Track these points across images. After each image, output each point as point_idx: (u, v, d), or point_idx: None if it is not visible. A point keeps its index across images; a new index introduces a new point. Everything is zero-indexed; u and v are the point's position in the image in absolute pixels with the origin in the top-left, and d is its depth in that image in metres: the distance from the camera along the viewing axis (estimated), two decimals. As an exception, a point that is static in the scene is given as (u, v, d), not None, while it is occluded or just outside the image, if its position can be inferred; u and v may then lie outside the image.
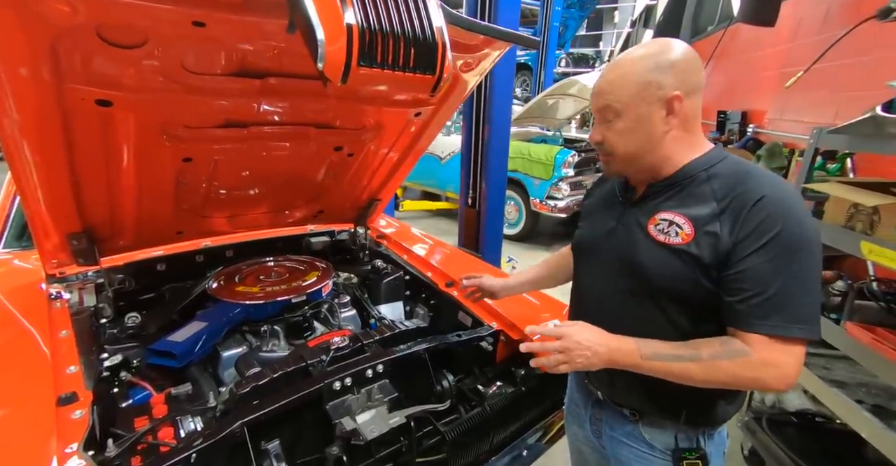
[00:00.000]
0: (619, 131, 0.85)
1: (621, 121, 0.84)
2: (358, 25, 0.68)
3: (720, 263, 0.77)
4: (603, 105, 0.85)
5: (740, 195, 0.77)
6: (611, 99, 0.83)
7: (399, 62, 0.73)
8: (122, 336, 1.35)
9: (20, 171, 1.02)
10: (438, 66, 0.77)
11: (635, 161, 0.87)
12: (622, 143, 0.85)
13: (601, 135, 0.87)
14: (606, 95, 0.84)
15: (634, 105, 0.82)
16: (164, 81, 0.95)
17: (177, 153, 1.19)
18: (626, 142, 0.85)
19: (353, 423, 1.06)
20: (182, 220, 1.57)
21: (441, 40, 0.76)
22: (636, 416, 0.96)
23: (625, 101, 0.82)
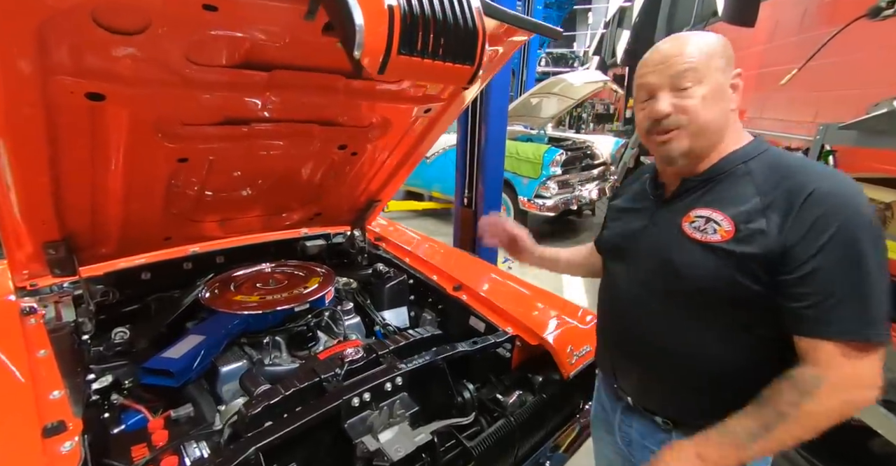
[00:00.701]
0: (701, 98, 0.77)
1: (703, 88, 0.77)
2: (400, 8, 0.61)
3: (772, 264, 0.72)
4: (682, 70, 0.77)
5: (788, 189, 0.73)
6: (694, 63, 0.77)
7: (439, 50, 0.66)
8: (109, 353, 1.23)
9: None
10: (477, 56, 0.71)
11: (705, 135, 0.80)
12: (703, 112, 0.78)
13: (670, 105, 0.78)
14: (687, 60, 0.77)
15: (715, 73, 0.78)
16: (164, 73, 0.85)
17: (171, 153, 1.08)
18: (707, 110, 0.78)
19: (377, 443, 0.98)
20: (171, 225, 1.46)
21: (481, 27, 0.70)
22: (670, 425, 0.91)
23: (709, 66, 0.77)
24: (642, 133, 0.86)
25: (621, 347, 0.96)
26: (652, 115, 0.80)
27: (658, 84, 0.79)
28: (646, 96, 0.82)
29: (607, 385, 1.07)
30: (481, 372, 1.34)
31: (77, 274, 1.31)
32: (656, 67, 0.80)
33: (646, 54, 0.85)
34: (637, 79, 0.84)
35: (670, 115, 0.78)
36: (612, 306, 0.99)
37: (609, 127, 9.66)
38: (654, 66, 0.80)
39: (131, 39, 0.75)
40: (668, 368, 0.87)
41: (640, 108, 0.84)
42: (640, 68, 0.83)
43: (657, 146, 0.83)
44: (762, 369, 0.81)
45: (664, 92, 0.79)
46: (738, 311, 0.78)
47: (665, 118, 0.79)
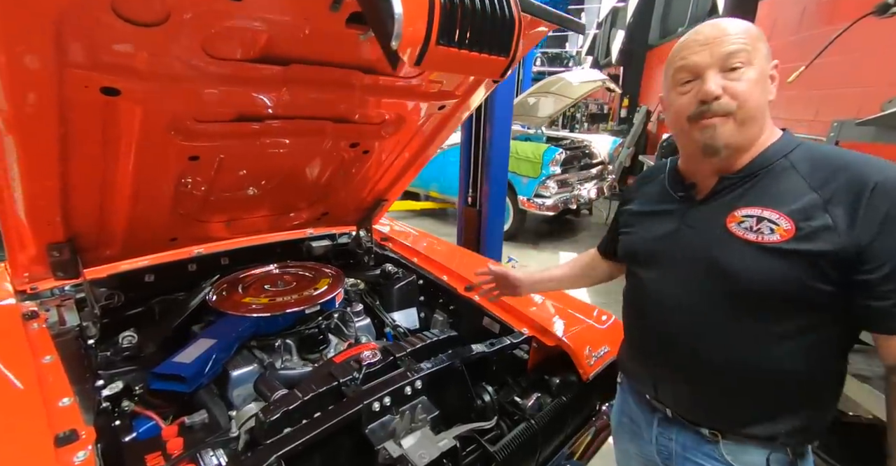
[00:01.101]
0: (751, 81, 0.73)
1: (752, 70, 0.73)
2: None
3: (845, 261, 0.69)
4: (733, 49, 0.73)
5: (848, 183, 0.70)
6: (744, 42, 0.73)
7: (476, 41, 0.64)
8: (117, 358, 1.18)
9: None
10: (513, 48, 0.69)
11: (752, 125, 0.76)
12: (752, 97, 0.74)
13: (720, 87, 0.74)
14: (738, 39, 0.73)
15: (761, 57, 0.75)
16: (181, 67, 0.81)
17: (183, 150, 1.05)
18: (755, 96, 0.74)
19: (400, 449, 0.95)
20: (177, 226, 1.42)
21: (518, 18, 0.67)
22: (718, 436, 0.86)
23: (757, 48, 0.74)
24: (683, 120, 0.79)
25: (665, 358, 0.90)
26: (700, 96, 0.75)
27: (705, 63, 0.75)
28: (689, 77, 0.77)
29: (638, 396, 1.02)
30: (498, 374, 1.32)
31: (80, 277, 1.27)
32: (702, 47, 0.75)
33: (682, 39, 0.81)
34: (677, 61, 0.79)
35: (721, 97, 0.74)
36: (650, 315, 0.93)
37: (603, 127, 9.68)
38: (700, 45, 0.75)
39: (150, 31, 0.72)
40: (722, 377, 0.82)
41: (681, 92, 0.79)
42: (680, 51, 0.79)
43: (700, 133, 0.78)
44: (818, 370, 0.79)
45: (713, 71, 0.74)
46: (800, 312, 0.75)
47: (715, 100, 0.74)
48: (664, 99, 0.87)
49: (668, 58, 0.82)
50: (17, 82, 0.68)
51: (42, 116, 0.77)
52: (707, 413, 0.88)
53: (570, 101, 6.25)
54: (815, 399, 0.82)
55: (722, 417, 0.86)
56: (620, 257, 1.04)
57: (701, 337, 0.83)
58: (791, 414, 0.82)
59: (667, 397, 0.93)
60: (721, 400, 0.85)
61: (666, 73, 0.84)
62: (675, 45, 0.82)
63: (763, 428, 0.82)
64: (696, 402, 0.89)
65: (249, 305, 1.37)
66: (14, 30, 0.62)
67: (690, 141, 0.81)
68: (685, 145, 0.86)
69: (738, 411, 0.84)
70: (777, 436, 0.82)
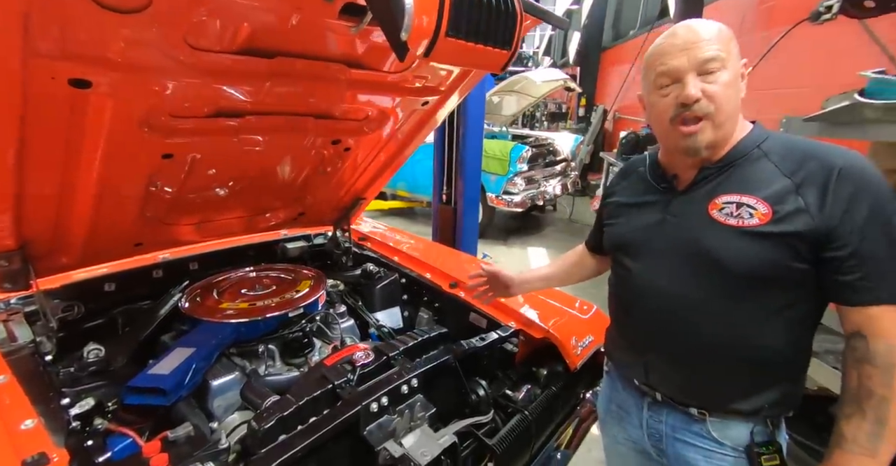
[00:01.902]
0: (726, 84, 0.78)
1: (727, 73, 0.78)
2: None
3: (817, 241, 0.75)
4: (709, 56, 0.77)
5: (816, 168, 0.76)
6: (719, 48, 0.77)
7: (483, 34, 0.64)
8: (82, 374, 1.09)
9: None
10: (515, 41, 0.69)
11: (727, 125, 0.81)
12: (728, 100, 0.78)
13: (700, 90, 0.78)
14: (712, 44, 0.77)
15: (734, 59, 0.79)
16: (160, 59, 0.76)
17: (156, 148, 0.98)
18: (730, 98, 0.79)
19: (401, 448, 0.94)
20: (143, 230, 1.33)
21: (520, 11, 0.68)
22: (705, 414, 0.91)
23: (730, 51, 0.78)
24: (665, 121, 0.83)
25: (656, 343, 0.93)
26: (681, 99, 0.79)
27: (684, 68, 0.79)
28: (668, 81, 0.81)
29: (627, 382, 1.05)
30: (489, 369, 1.33)
31: (30, 288, 1.16)
32: (681, 52, 0.79)
33: (658, 41, 0.84)
34: (658, 66, 0.82)
35: (700, 100, 0.78)
36: (639, 303, 0.96)
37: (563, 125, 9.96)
38: (678, 51, 0.79)
39: (128, 19, 0.66)
40: (711, 358, 0.86)
41: (662, 95, 0.82)
42: (660, 56, 0.82)
43: (681, 138, 0.82)
44: (794, 347, 0.85)
45: (691, 75, 0.78)
46: (780, 291, 0.80)
47: (695, 103, 0.78)
48: (644, 98, 0.90)
49: (647, 60, 0.85)
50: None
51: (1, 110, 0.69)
52: (696, 393, 0.92)
53: (532, 100, 6.39)
54: (791, 373, 0.88)
55: (710, 396, 0.90)
56: (606, 248, 1.07)
57: (689, 320, 0.87)
58: (772, 389, 0.87)
59: (658, 381, 0.96)
60: (710, 380, 0.89)
61: (646, 76, 0.87)
62: (651, 47, 0.85)
63: (748, 404, 0.87)
64: (686, 384, 0.93)
65: (228, 311, 1.30)
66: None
67: (673, 141, 0.85)
68: (668, 143, 0.90)
69: (726, 389, 0.88)
70: (760, 410, 0.88)
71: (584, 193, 7.34)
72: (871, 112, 1.45)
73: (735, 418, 0.90)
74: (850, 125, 1.53)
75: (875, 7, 2.36)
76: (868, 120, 1.47)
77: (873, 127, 1.48)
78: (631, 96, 8.05)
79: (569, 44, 10.60)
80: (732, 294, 0.83)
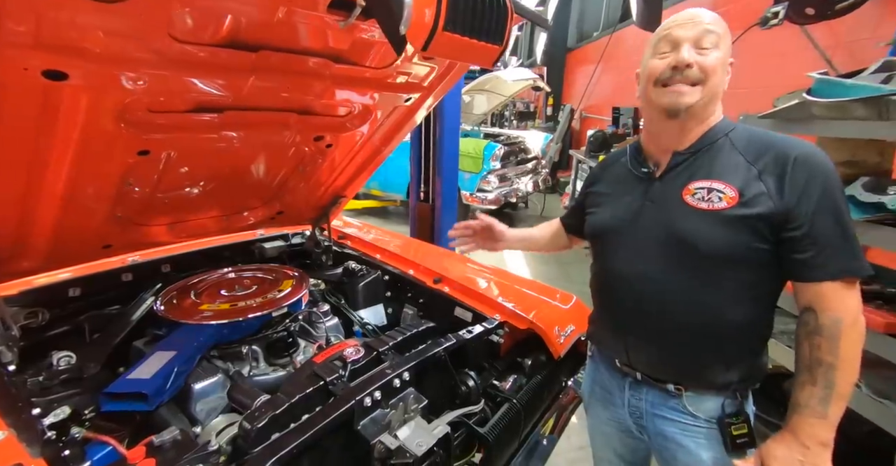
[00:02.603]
0: (716, 60, 0.85)
1: (718, 52, 0.85)
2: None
3: (777, 222, 0.82)
4: (705, 30, 0.84)
5: (775, 157, 0.84)
6: (715, 28, 0.85)
7: (478, 29, 0.66)
8: (52, 383, 1.03)
9: None
10: (506, 36, 0.72)
11: (709, 98, 0.87)
12: (715, 74, 0.85)
13: (693, 58, 0.85)
14: (710, 24, 0.85)
15: (725, 45, 0.86)
16: (141, 50, 0.73)
17: (133, 144, 0.94)
18: (717, 73, 0.85)
19: (396, 440, 0.94)
20: (113, 231, 1.27)
21: (510, 7, 0.70)
22: (681, 390, 0.97)
23: (724, 37, 0.85)
24: (651, 83, 0.89)
25: (637, 324, 0.99)
26: (674, 63, 0.85)
27: (684, 37, 0.85)
28: (668, 48, 0.87)
29: (610, 363, 1.10)
30: (476, 360, 1.35)
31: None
32: (684, 23, 0.86)
33: (671, 17, 0.91)
34: (661, 31, 0.89)
35: (691, 66, 0.84)
36: (618, 286, 1.01)
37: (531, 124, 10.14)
38: (682, 21, 0.86)
39: (109, 7, 0.64)
40: (686, 336, 0.92)
41: (660, 57, 0.89)
42: (666, 25, 0.89)
43: (666, 96, 0.88)
44: (758, 322, 0.92)
45: (688, 44, 0.85)
46: (746, 271, 0.87)
47: (686, 68, 0.84)
48: (641, 70, 0.96)
49: (653, 34, 0.92)
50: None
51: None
52: (672, 370, 0.98)
53: (503, 99, 6.48)
54: (756, 347, 0.96)
55: (685, 372, 0.97)
56: (588, 235, 1.12)
57: (668, 301, 0.93)
58: (741, 363, 0.94)
59: (638, 361, 1.02)
60: (685, 356, 0.95)
61: (648, 47, 0.93)
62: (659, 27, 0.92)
63: (720, 378, 0.94)
64: (664, 362, 0.99)
65: (208, 312, 1.26)
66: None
67: (654, 105, 0.91)
68: (649, 112, 0.95)
69: (699, 364, 0.95)
70: (731, 384, 0.95)
71: (554, 190, 7.52)
72: (818, 109, 1.57)
73: (708, 392, 0.96)
74: (799, 121, 1.65)
75: (814, 14, 2.56)
76: (815, 116, 1.59)
77: (819, 123, 1.60)
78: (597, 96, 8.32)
79: (535, 44, 10.81)
80: (703, 274, 0.89)
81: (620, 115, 6.47)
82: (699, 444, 0.99)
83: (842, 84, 1.58)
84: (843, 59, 2.81)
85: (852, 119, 1.53)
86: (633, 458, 1.23)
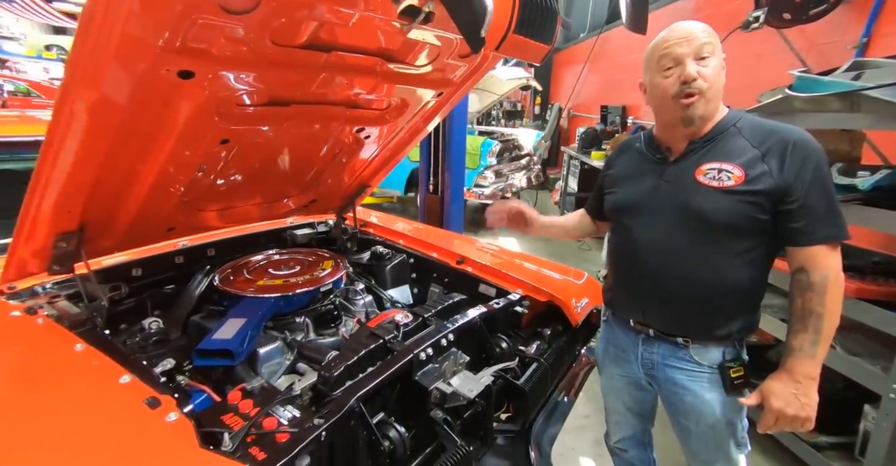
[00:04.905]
0: (714, 68, 1.00)
1: (715, 59, 1.01)
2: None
3: (776, 197, 0.99)
4: (704, 42, 0.99)
5: (776, 141, 1.01)
6: (710, 39, 1.00)
7: (536, 31, 0.82)
8: (147, 343, 1.17)
9: (48, 158, 0.85)
10: (555, 36, 0.87)
11: (714, 101, 1.03)
12: (716, 80, 1.01)
13: (696, 71, 0.99)
14: (703, 36, 1.00)
15: (718, 48, 1.02)
16: (248, 53, 0.87)
17: (219, 134, 1.08)
18: (717, 78, 1.01)
19: (450, 387, 1.10)
20: (178, 215, 1.40)
21: (557, 12, 0.86)
22: (688, 342, 1.15)
23: (716, 44, 1.01)
24: (667, 98, 1.05)
25: (653, 286, 1.15)
26: (682, 78, 1.01)
27: (685, 52, 1.01)
28: (671, 64, 1.03)
29: (624, 325, 1.28)
30: (502, 330, 1.51)
31: (71, 272, 1.22)
32: (680, 40, 1.01)
33: (660, 35, 1.06)
34: (662, 50, 1.04)
35: (697, 79, 1.00)
36: (638, 255, 1.17)
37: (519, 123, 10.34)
38: (679, 38, 1.01)
39: (234, 19, 0.78)
40: (695, 293, 1.10)
41: (665, 76, 1.04)
42: (663, 43, 1.03)
43: (681, 110, 1.04)
44: (757, 280, 1.10)
45: (690, 59, 1.01)
46: (747, 238, 1.05)
47: (693, 81, 1.00)
48: (645, 83, 1.12)
49: (651, 50, 1.07)
50: (122, 61, 0.71)
51: (118, 99, 0.79)
52: (682, 324, 1.16)
53: (496, 98, 6.65)
54: (754, 303, 1.14)
55: (693, 326, 1.15)
56: (608, 212, 1.29)
57: (678, 264, 1.11)
58: (740, 317, 1.12)
59: (652, 318, 1.20)
60: (694, 313, 1.13)
61: (649, 62, 1.09)
62: (654, 42, 1.07)
63: (723, 330, 1.12)
64: (675, 318, 1.16)
65: (267, 287, 1.41)
66: (155, 16, 0.66)
67: (672, 114, 1.07)
68: (666, 117, 1.12)
69: (705, 318, 1.13)
70: (731, 335, 1.13)
71: (545, 187, 7.73)
72: (799, 103, 1.77)
73: (711, 343, 1.14)
74: (782, 115, 1.86)
75: (791, 19, 2.80)
76: (797, 110, 1.80)
77: (801, 116, 1.81)
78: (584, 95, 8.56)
79: (524, 44, 11.00)
80: (711, 241, 1.07)
81: (609, 113, 6.71)
82: (703, 387, 1.17)
83: (820, 81, 1.79)
84: (816, 60, 3.05)
85: (828, 112, 1.74)
86: (639, 409, 1.42)
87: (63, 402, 0.84)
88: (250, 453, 0.84)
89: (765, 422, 1.06)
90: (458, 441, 1.02)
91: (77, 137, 0.82)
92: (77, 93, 0.74)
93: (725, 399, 1.15)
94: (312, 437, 0.84)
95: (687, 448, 1.28)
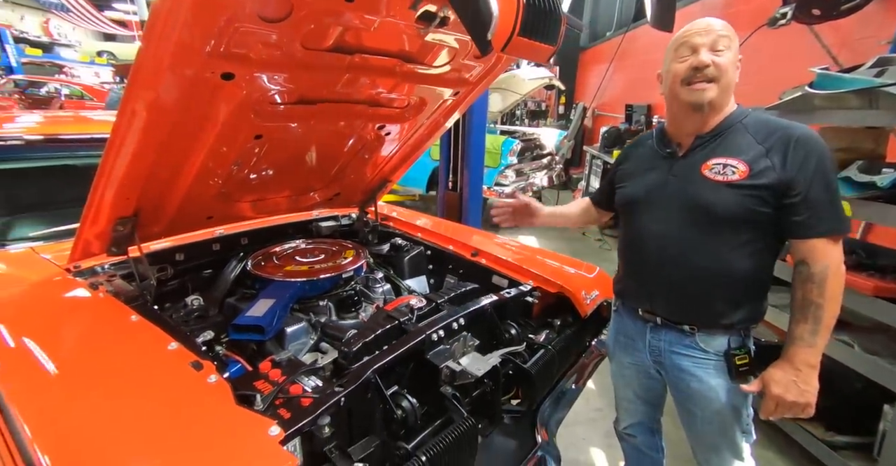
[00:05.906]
0: (729, 60, 1.05)
1: (731, 53, 1.05)
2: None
3: (779, 191, 1.03)
4: (719, 36, 1.04)
5: (780, 137, 1.05)
6: (726, 33, 1.05)
7: (540, 33, 0.88)
8: (189, 318, 1.31)
9: (112, 151, 0.98)
10: (560, 37, 0.94)
11: (725, 92, 1.07)
12: (729, 71, 1.05)
13: (710, 59, 1.04)
14: (721, 30, 1.05)
15: (734, 47, 1.06)
16: (281, 56, 0.98)
17: (253, 130, 1.20)
18: (731, 72, 1.06)
19: (459, 366, 1.19)
20: (216, 205, 1.53)
21: (562, 12, 0.93)
22: (695, 329, 1.19)
23: (733, 40, 1.06)
24: (677, 83, 1.10)
25: (661, 276, 1.20)
26: (695, 64, 1.06)
27: (702, 42, 1.06)
28: (688, 52, 1.08)
29: (633, 314, 1.33)
30: (512, 318, 1.58)
31: (126, 254, 1.36)
32: (700, 31, 1.06)
33: (683, 29, 1.11)
34: (681, 39, 1.09)
35: (710, 66, 1.05)
36: (646, 246, 1.23)
37: (543, 123, 10.30)
38: (699, 30, 1.07)
39: (271, 26, 0.89)
40: (701, 283, 1.14)
41: (681, 61, 1.09)
42: (683, 35, 1.09)
43: (690, 94, 1.08)
44: (762, 271, 1.14)
45: (705, 48, 1.06)
46: (751, 230, 1.09)
47: (706, 67, 1.05)
48: (663, 72, 1.18)
49: (671, 42, 1.13)
50: (182, 68, 0.83)
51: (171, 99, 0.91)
52: (689, 313, 1.20)
53: (518, 97, 6.68)
54: (758, 292, 1.18)
55: (700, 314, 1.19)
56: (619, 204, 1.35)
57: (687, 255, 1.15)
58: (745, 306, 1.16)
59: (659, 306, 1.25)
60: (700, 301, 1.18)
61: (668, 52, 1.14)
62: (676, 35, 1.13)
63: (727, 318, 1.16)
64: (682, 306, 1.21)
65: (294, 272, 1.52)
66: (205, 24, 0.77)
67: (680, 101, 1.12)
68: (675, 106, 1.16)
69: (711, 307, 1.17)
70: (735, 324, 1.17)
71: (567, 187, 7.69)
72: (819, 101, 1.77)
73: (717, 331, 1.19)
74: (802, 112, 1.85)
75: (821, 15, 2.75)
76: (816, 107, 1.80)
77: (820, 113, 1.81)
78: (609, 94, 8.48)
79: (549, 43, 10.95)
80: (717, 232, 1.11)
81: (633, 112, 6.63)
82: (708, 374, 1.21)
83: (840, 78, 1.78)
84: (848, 57, 2.97)
85: (848, 109, 1.73)
86: (648, 396, 1.46)
87: (124, 362, 0.98)
88: (279, 413, 0.95)
89: (766, 408, 1.10)
90: (464, 413, 1.10)
91: (136, 133, 0.94)
92: (139, 94, 0.86)
93: (731, 386, 1.19)
94: (332, 402, 0.94)
95: (692, 435, 1.32)
